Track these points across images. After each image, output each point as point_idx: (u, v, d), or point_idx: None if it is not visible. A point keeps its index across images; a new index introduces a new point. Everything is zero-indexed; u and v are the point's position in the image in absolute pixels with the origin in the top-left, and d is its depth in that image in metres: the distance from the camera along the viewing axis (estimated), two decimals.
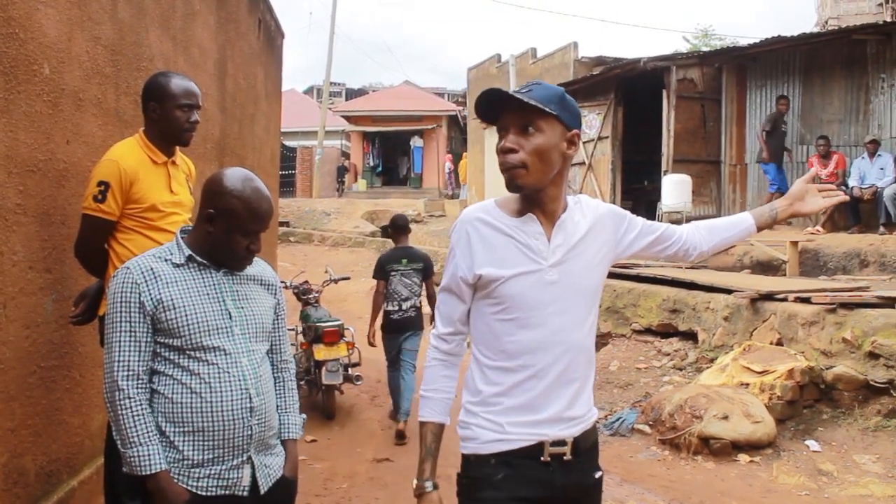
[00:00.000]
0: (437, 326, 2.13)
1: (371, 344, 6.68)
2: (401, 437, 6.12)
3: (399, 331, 6.53)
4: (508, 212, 2.01)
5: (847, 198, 2.59)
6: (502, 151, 1.93)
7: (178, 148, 3.35)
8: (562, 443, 1.98)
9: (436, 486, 2.06)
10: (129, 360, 2.15)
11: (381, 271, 6.58)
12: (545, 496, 1.98)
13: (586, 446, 2.05)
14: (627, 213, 2.20)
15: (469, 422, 2.04)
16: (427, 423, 2.08)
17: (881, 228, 9.68)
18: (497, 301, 1.98)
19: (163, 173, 3.23)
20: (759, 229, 2.37)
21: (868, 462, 5.45)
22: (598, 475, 2.11)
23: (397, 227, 6.88)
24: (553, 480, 1.98)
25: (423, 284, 6.63)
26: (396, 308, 6.51)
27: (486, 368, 2.03)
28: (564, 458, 1.99)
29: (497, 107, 1.95)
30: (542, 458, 1.97)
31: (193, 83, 3.28)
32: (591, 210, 2.09)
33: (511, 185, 1.95)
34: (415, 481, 2.08)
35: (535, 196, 1.98)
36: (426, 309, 6.29)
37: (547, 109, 1.89)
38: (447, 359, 2.11)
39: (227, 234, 2.23)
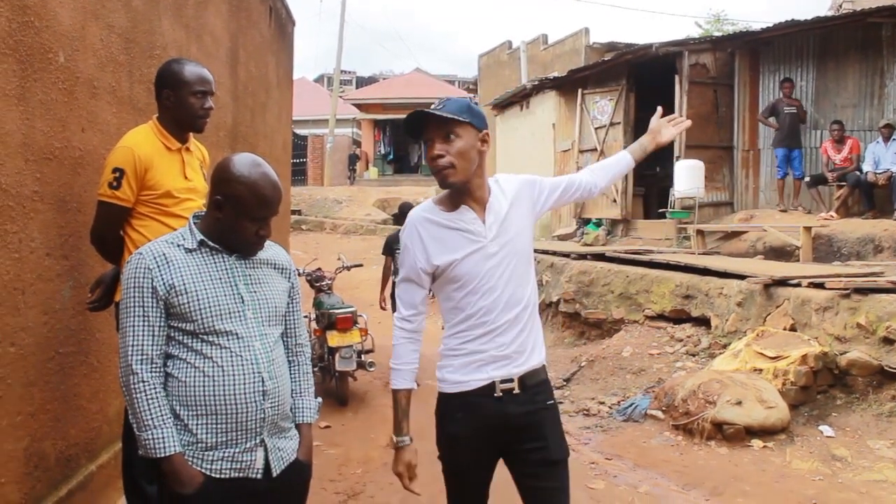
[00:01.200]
0: (399, 310, 2.54)
1: (382, 308, 7.86)
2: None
3: None
4: (445, 208, 2.45)
5: (689, 122, 3.02)
6: (432, 158, 2.37)
7: (191, 134, 3.36)
8: (509, 380, 2.43)
9: (411, 440, 2.50)
10: (142, 345, 2.17)
11: (389, 249, 7.82)
12: (501, 424, 2.44)
13: (533, 382, 2.48)
14: (536, 177, 2.62)
15: (441, 368, 2.51)
16: (399, 390, 2.50)
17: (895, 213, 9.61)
18: (454, 279, 2.42)
19: (177, 160, 3.24)
20: (636, 162, 2.88)
21: (882, 447, 5.44)
22: (549, 402, 2.53)
23: (403, 213, 8.08)
24: (507, 410, 2.43)
25: None
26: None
27: (451, 329, 2.48)
28: (513, 392, 2.43)
29: (421, 124, 2.38)
30: (494, 395, 2.42)
31: (207, 70, 3.30)
32: (510, 185, 2.52)
33: (444, 184, 2.39)
34: (393, 437, 2.51)
35: (465, 188, 2.40)
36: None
37: (460, 118, 2.33)
38: (412, 336, 2.52)
39: (236, 220, 2.24)
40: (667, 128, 2.89)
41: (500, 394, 2.42)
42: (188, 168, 3.28)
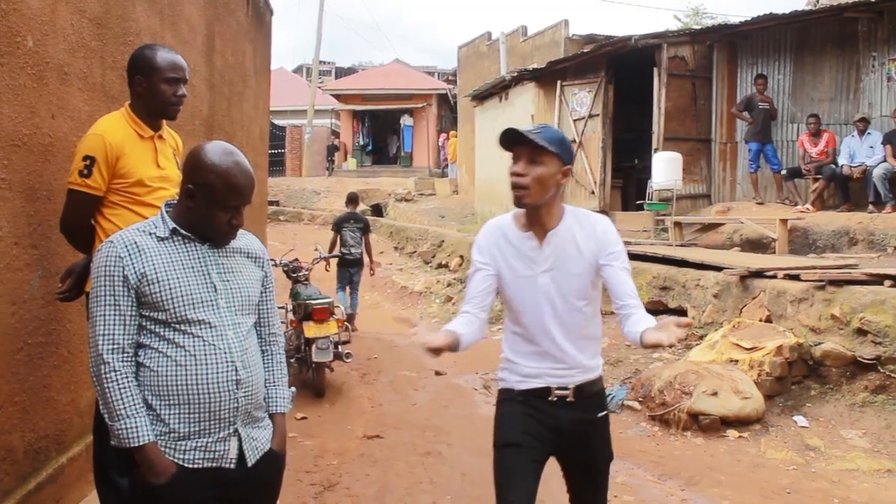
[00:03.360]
0: (465, 298, 2.69)
1: (327, 269, 9.34)
2: (351, 321, 9.04)
3: (349, 266, 9.74)
4: (518, 226, 2.64)
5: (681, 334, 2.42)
6: (514, 174, 2.53)
7: (164, 122, 3.31)
8: (564, 388, 2.59)
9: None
10: (113, 334, 2.15)
11: (337, 227, 9.84)
12: (553, 425, 2.60)
13: (589, 392, 2.64)
14: (615, 243, 2.61)
15: (502, 369, 2.72)
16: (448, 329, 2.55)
17: (870, 207, 9.69)
18: (507, 292, 2.64)
19: (150, 148, 3.19)
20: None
21: (855, 437, 5.50)
22: (601, 415, 2.70)
23: (350, 200, 10.50)
24: (559, 415, 2.60)
25: (363, 237, 9.80)
26: (348, 252, 9.65)
27: (512, 337, 2.69)
28: (567, 399, 2.59)
29: (514, 140, 2.53)
30: (549, 399, 2.59)
31: (180, 56, 3.24)
32: (590, 225, 2.61)
33: (517, 202, 2.56)
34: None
35: (534, 212, 2.57)
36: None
37: (550, 148, 2.48)
38: (464, 317, 2.60)
39: (208, 209, 2.22)
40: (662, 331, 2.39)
41: (555, 398, 2.60)
42: (161, 156, 3.22)
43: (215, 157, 2.22)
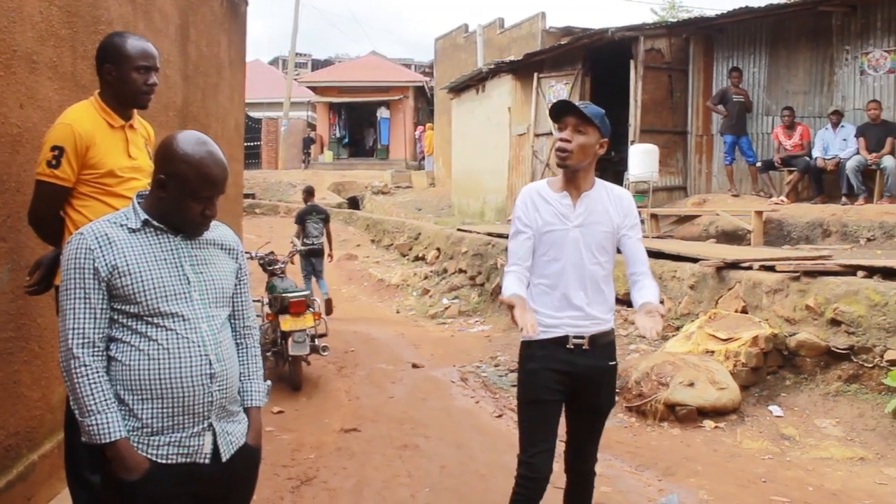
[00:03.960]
0: (510, 259, 3.08)
1: (291, 262, 8.57)
2: (329, 306, 9.67)
3: (313, 255, 10.16)
4: (554, 189, 3.07)
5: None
6: (561, 139, 2.96)
7: (136, 112, 3.24)
8: (581, 337, 2.99)
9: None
10: (83, 328, 2.10)
11: (300, 219, 10.45)
12: (568, 370, 2.99)
13: (602, 342, 3.06)
14: (635, 216, 3.14)
15: None
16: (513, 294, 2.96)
17: (843, 199, 9.80)
18: (542, 243, 3.03)
19: (120, 137, 3.12)
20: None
21: (829, 426, 5.55)
22: (611, 363, 3.14)
23: (308, 193, 11.06)
24: (575, 361, 2.99)
25: (325, 227, 10.44)
26: (311, 242, 10.19)
27: (533, 287, 3.06)
28: (583, 347, 3.00)
29: (563, 111, 2.98)
30: (567, 346, 2.99)
31: (151, 44, 3.17)
32: (616, 196, 3.09)
33: (560, 164, 3.00)
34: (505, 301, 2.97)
35: (573, 175, 3.02)
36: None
37: (594, 121, 2.91)
38: (515, 273, 3.02)
39: (180, 199, 2.18)
40: (648, 319, 2.88)
41: (572, 346, 2.98)
42: (132, 146, 3.15)
43: (188, 146, 2.18)
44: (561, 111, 3.00)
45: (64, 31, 3.75)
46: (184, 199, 2.17)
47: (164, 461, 2.14)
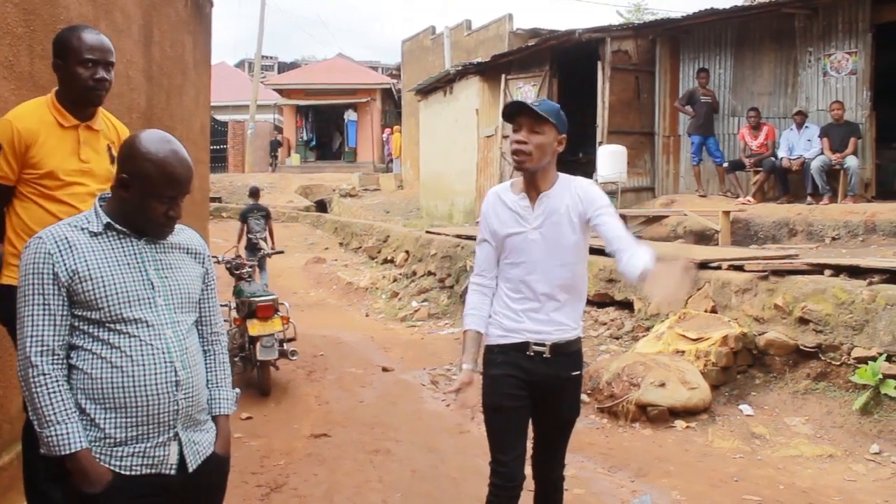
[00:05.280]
0: (475, 268, 3.06)
1: (238, 256, 8.65)
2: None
3: (256, 250, 10.54)
4: (514, 190, 2.98)
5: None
6: (517, 142, 2.84)
7: (103, 112, 3.13)
8: (542, 344, 2.89)
9: (473, 366, 2.97)
10: (42, 335, 2.03)
11: (243, 217, 11.57)
12: (529, 379, 2.91)
13: (565, 351, 2.94)
14: (602, 199, 2.93)
15: (490, 325, 3.00)
16: (468, 330, 3.01)
17: (808, 198, 9.93)
18: (504, 249, 2.95)
19: (70, 138, 2.99)
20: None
21: (798, 424, 5.59)
22: (574, 373, 3.02)
23: (252, 193, 12.26)
24: (535, 370, 2.91)
25: (267, 224, 11.48)
26: (254, 238, 11.17)
27: (500, 291, 3.00)
28: (543, 355, 2.90)
29: (516, 111, 2.87)
30: (527, 353, 2.90)
31: (105, 38, 3.03)
32: (578, 187, 2.94)
33: (518, 167, 2.89)
34: (461, 366, 3.00)
35: (531, 176, 2.90)
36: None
37: (549, 119, 2.80)
38: (479, 288, 3.04)
39: (143, 200, 2.11)
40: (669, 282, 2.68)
41: (532, 353, 2.89)
42: (85, 148, 3.02)
43: (151, 145, 2.11)
44: (514, 112, 2.88)
45: (20, 30, 3.64)
46: (147, 199, 2.11)
47: (127, 472, 2.07)
